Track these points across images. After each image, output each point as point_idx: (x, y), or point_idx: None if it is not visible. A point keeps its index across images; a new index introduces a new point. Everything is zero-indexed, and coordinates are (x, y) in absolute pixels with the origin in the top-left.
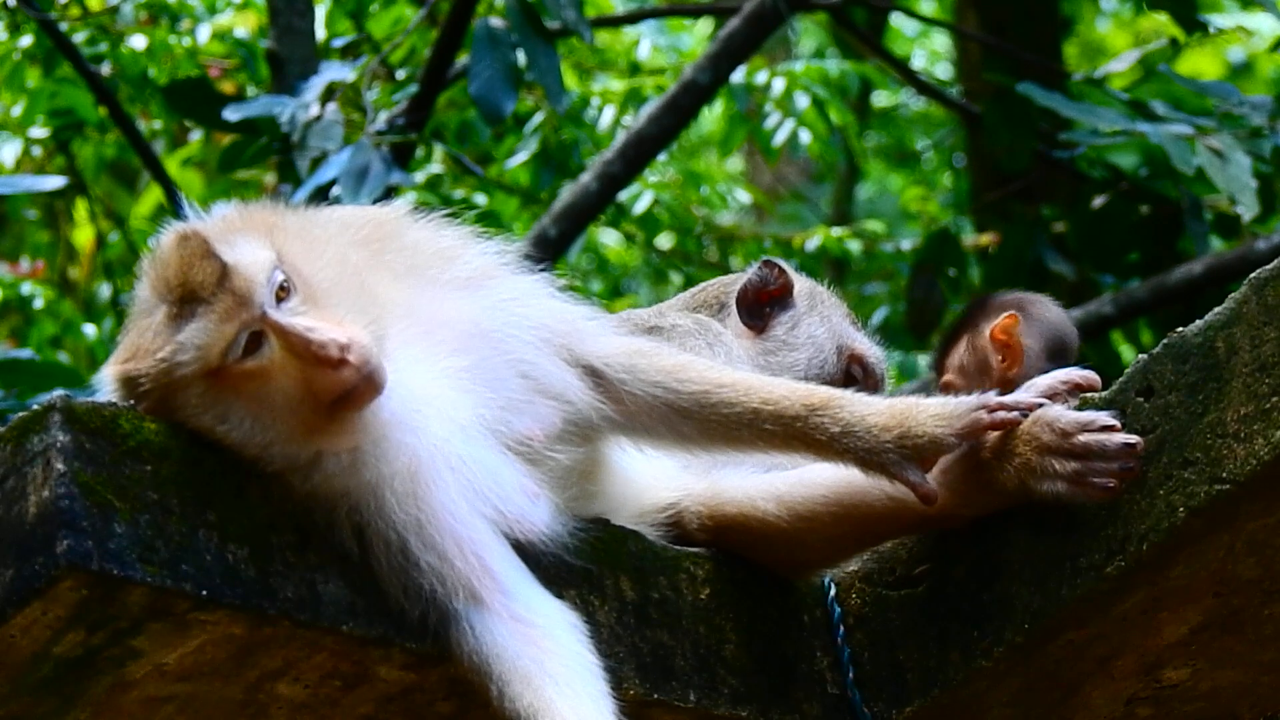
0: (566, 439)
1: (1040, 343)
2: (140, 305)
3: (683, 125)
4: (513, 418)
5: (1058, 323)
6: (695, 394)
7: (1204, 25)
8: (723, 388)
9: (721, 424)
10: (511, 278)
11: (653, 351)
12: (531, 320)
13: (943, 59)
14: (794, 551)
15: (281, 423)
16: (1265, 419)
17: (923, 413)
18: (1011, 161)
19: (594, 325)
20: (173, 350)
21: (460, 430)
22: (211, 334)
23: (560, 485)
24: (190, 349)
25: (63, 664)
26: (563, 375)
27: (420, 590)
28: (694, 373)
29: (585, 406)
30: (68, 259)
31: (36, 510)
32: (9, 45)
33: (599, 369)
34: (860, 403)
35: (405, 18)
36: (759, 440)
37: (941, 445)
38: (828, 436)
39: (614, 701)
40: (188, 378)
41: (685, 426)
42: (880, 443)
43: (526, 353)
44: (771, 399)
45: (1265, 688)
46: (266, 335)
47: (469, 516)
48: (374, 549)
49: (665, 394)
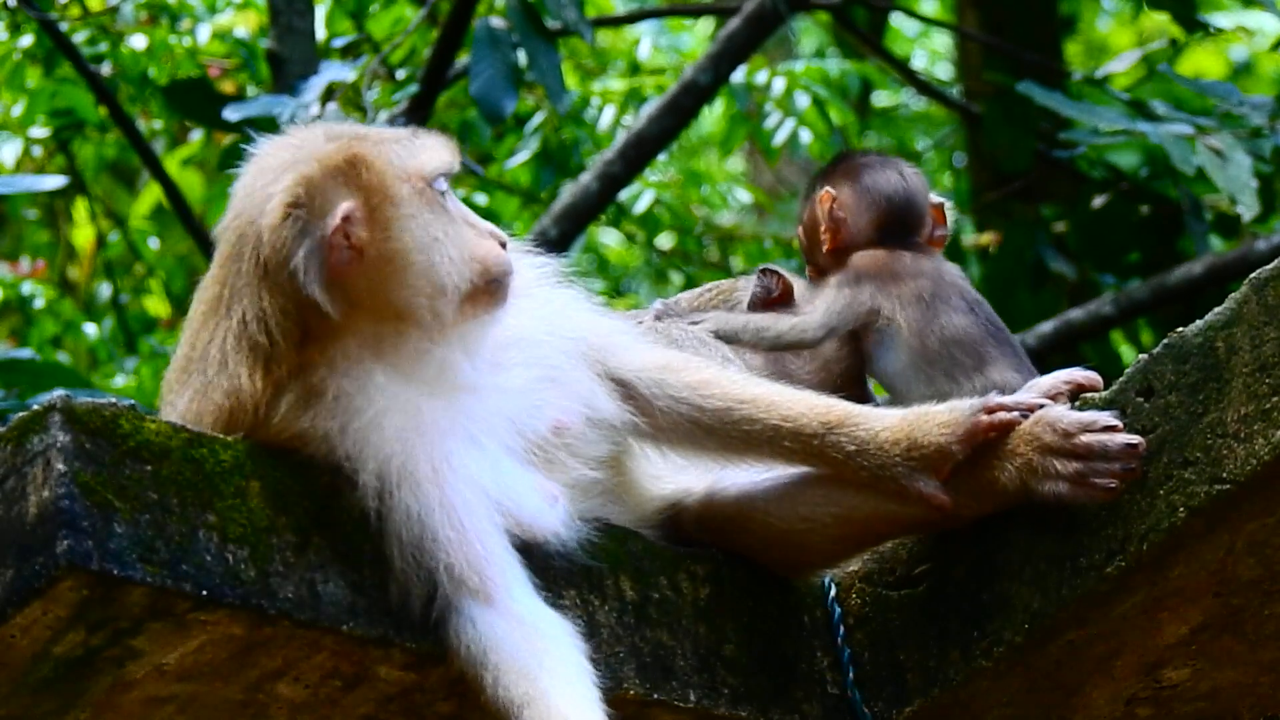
0: (588, 441)
1: (870, 215)
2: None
3: (683, 125)
4: (540, 420)
5: (892, 195)
6: (718, 410)
7: (1204, 25)
8: (744, 404)
9: (743, 439)
10: (554, 290)
11: (680, 366)
12: (571, 332)
13: (943, 59)
14: (794, 551)
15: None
16: (1265, 419)
17: (929, 422)
18: (1011, 161)
19: (626, 339)
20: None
21: (492, 426)
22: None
23: (574, 488)
24: (416, 151)
25: (63, 664)
26: (592, 385)
27: (431, 572)
28: (718, 389)
29: (612, 415)
30: (68, 259)
31: (36, 510)
32: (9, 45)
33: (630, 381)
34: (874, 417)
35: (405, 18)
36: (779, 456)
37: (947, 453)
38: (844, 455)
39: (611, 708)
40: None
41: (709, 441)
42: (890, 458)
43: (561, 361)
44: (790, 416)
45: (1265, 688)
46: (449, 194)
47: (487, 507)
48: (394, 514)
49: (690, 410)
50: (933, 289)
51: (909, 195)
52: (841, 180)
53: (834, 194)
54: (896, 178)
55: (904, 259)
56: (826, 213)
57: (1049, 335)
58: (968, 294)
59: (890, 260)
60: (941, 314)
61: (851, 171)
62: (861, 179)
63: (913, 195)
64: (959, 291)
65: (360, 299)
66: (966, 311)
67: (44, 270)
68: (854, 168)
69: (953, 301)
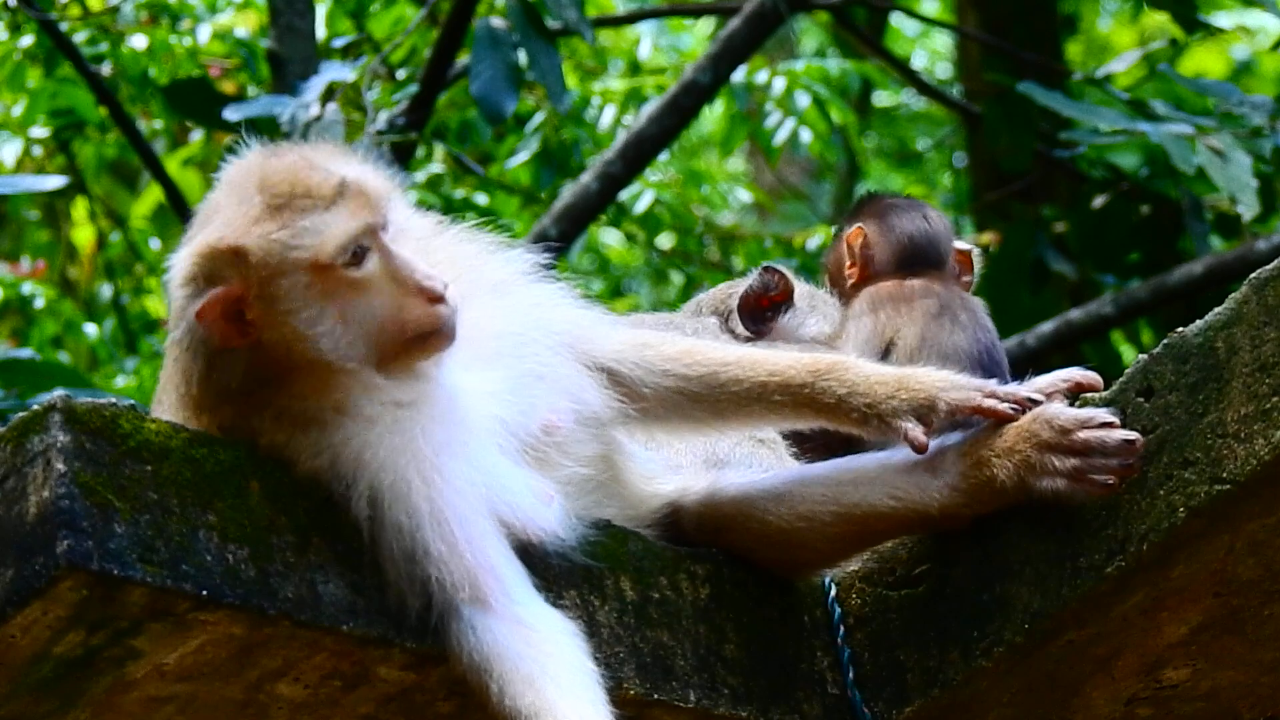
0: (578, 440)
1: (890, 254)
2: (223, 201)
3: (683, 125)
4: (530, 419)
5: (914, 235)
6: (704, 375)
7: (1204, 25)
8: (729, 365)
9: (732, 401)
10: (533, 286)
11: (658, 341)
12: (554, 327)
13: (943, 59)
14: (794, 551)
15: (365, 341)
16: (1265, 419)
17: (926, 376)
18: (1012, 161)
19: (602, 325)
20: (292, 233)
21: (482, 428)
22: (336, 227)
23: (569, 486)
24: (313, 234)
25: (63, 664)
26: (579, 379)
27: (424, 583)
28: (700, 355)
29: (601, 406)
30: (68, 259)
31: (36, 510)
32: (9, 45)
33: (613, 368)
34: (865, 366)
35: (406, 17)
36: (770, 412)
37: (935, 404)
38: (835, 399)
39: (612, 709)
40: (298, 263)
41: (698, 409)
42: (880, 396)
43: (547, 357)
44: (778, 370)
45: (1265, 688)
46: (373, 252)
47: (481, 511)
48: (387, 530)
49: (675, 381)
50: (940, 306)
51: (931, 237)
52: (869, 218)
53: (864, 230)
54: (920, 220)
55: (916, 284)
56: (855, 249)
57: (1049, 335)
58: (980, 321)
59: (903, 285)
60: (946, 330)
61: (879, 211)
62: (888, 219)
63: (935, 237)
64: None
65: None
66: (970, 335)
67: (44, 270)
68: (881, 208)
69: (961, 320)
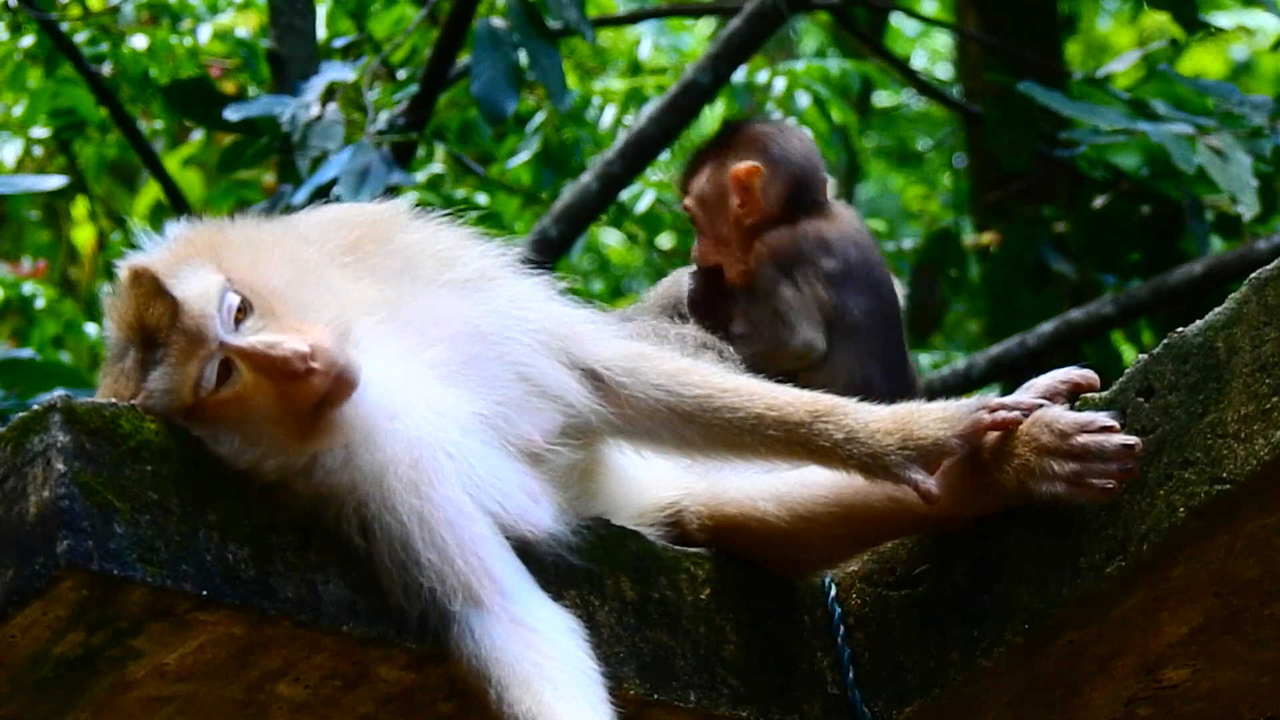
0: (566, 440)
1: (782, 188)
2: (112, 348)
3: (684, 125)
4: (513, 417)
5: (801, 164)
6: (698, 398)
7: (1204, 25)
8: (726, 392)
9: (724, 429)
10: (512, 280)
11: (655, 355)
12: (531, 323)
13: (943, 59)
14: (794, 551)
15: (269, 436)
16: (1265, 419)
17: (924, 417)
18: (1012, 161)
19: (594, 329)
20: (144, 398)
21: (456, 424)
22: (175, 377)
23: (562, 485)
24: (160, 394)
25: (63, 664)
26: (560, 378)
27: (421, 590)
28: (697, 376)
29: (585, 409)
30: (69, 259)
31: (36, 510)
32: (10, 45)
33: (599, 373)
34: (863, 410)
35: (406, 17)
36: (762, 446)
37: (944, 447)
38: (831, 443)
39: (612, 707)
40: (177, 410)
41: (688, 431)
42: (884, 446)
43: (525, 355)
44: (776, 405)
45: (1265, 688)
46: (233, 361)
47: (470, 512)
48: (378, 545)
49: (668, 397)
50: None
51: (816, 160)
52: (751, 152)
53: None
54: (799, 142)
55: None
56: (746, 187)
57: (1049, 335)
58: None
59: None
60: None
61: (757, 142)
62: (770, 150)
63: (818, 158)
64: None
65: None
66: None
67: (45, 270)
68: (757, 137)
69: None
